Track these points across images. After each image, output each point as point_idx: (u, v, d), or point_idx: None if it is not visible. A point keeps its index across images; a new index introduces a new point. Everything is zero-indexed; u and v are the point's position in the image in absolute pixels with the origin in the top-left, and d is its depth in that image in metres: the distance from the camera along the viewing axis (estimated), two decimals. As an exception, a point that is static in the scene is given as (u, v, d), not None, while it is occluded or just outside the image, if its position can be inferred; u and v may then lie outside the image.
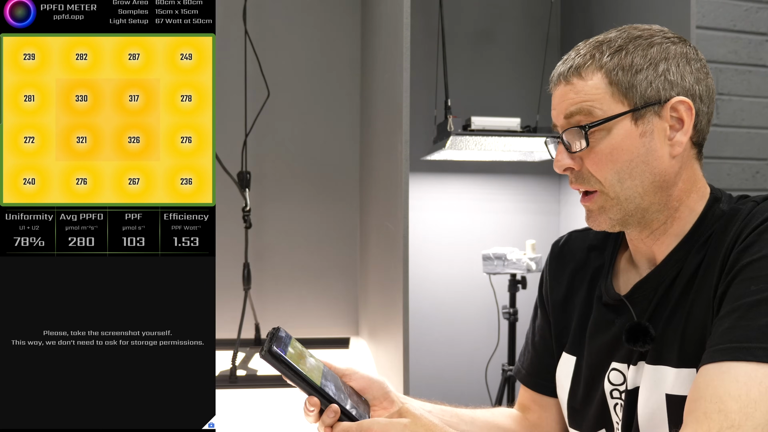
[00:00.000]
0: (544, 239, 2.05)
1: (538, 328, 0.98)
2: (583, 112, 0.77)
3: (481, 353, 2.03)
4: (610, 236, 0.92)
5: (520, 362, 1.01)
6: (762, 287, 0.67)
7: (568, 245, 0.97)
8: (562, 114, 0.79)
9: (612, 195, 0.78)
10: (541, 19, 2.03)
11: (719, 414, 0.63)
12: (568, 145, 0.79)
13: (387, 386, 0.83)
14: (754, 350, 0.64)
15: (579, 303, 0.91)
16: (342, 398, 0.76)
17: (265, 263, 1.86)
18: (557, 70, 0.81)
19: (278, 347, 0.74)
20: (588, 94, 0.77)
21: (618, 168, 0.77)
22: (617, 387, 0.81)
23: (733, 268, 0.70)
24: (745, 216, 0.74)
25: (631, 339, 0.78)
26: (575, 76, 0.78)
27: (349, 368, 0.82)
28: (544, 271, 0.99)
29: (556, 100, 0.80)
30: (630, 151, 0.77)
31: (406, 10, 1.22)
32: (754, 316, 0.66)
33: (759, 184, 2.01)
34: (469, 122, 1.69)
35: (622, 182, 0.77)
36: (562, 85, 0.79)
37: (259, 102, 1.72)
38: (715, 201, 0.80)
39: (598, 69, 0.77)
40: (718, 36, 1.99)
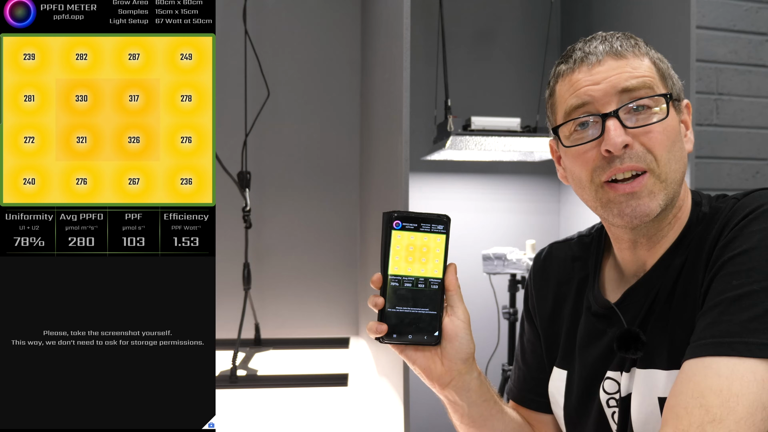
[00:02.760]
0: (544, 239, 2.05)
1: (527, 343, 0.96)
2: (646, 87, 0.75)
3: (481, 353, 2.02)
4: (591, 246, 0.90)
5: (511, 381, 0.99)
6: (743, 282, 0.66)
7: (550, 258, 0.95)
8: (617, 87, 0.75)
9: (663, 177, 0.75)
10: (541, 19, 2.03)
11: (700, 409, 0.62)
12: (625, 120, 0.75)
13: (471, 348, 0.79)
14: (736, 345, 0.64)
15: (567, 315, 0.89)
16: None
17: (265, 263, 1.86)
18: (597, 49, 0.77)
19: (400, 218, 0.72)
20: (646, 71, 0.76)
21: (669, 148, 0.75)
22: (612, 396, 0.80)
23: (716, 264, 0.70)
24: (726, 213, 0.74)
25: (623, 346, 0.77)
26: (629, 53, 0.76)
27: (453, 298, 0.78)
28: (529, 285, 0.96)
29: (603, 74, 0.76)
30: (677, 133, 0.77)
31: (406, 10, 1.22)
32: (736, 311, 0.65)
33: (759, 184, 2.01)
34: (469, 122, 1.69)
35: (670, 164, 0.75)
36: (612, 60, 0.76)
37: (259, 102, 1.72)
38: (697, 206, 0.80)
39: (644, 54, 0.77)
40: (718, 36, 1.99)
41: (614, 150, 0.73)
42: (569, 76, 0.79)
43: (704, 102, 1.97)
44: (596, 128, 0.76)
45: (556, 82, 0.82)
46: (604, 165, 0.75)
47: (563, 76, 0.80)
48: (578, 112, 0.77)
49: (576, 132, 0.78)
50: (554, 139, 0.84)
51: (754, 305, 0.65)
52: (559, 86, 0.81)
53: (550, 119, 0.84)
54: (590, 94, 0.76)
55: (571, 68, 0.78)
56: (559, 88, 0.81)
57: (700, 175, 1.93)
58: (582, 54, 0.78)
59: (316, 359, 1.71)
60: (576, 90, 0.77)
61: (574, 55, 0.79)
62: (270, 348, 1.74)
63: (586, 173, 0.78)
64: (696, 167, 1.90)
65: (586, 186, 0.78)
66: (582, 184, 0.79)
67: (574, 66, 0.78)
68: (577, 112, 0.77)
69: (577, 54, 0.78)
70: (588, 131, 0.77)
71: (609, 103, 0.75)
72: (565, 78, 0.79)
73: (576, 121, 0.77)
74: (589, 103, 0.76)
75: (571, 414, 0.86)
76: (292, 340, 1.84)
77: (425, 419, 1.92)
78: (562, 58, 0.81)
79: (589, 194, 0.79)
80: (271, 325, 1.85)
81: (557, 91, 0.81)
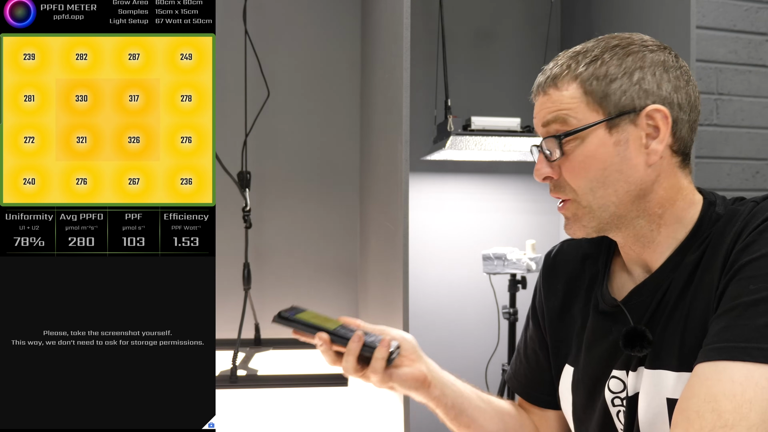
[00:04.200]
0: (544, 239, 2.05)
1: (530, 340, 0.98)
2: (558, 121, 0.78)
3: (481, 353, 2.03)
4: (603, 244, 0.91)
5: (512, 370, 1.01)
6: (761, 286, 0.66)
7: (561, 255, 0.96)
8: (540, 123, 0.81)
9: (584, 204, 0.78)
10: (541, 19, 2.03)
11: (712, 413, 0.62)
12: (547, 154, 0.80)
13: (416, 343, 0.87)
14: (751, 350, 0.63)
15: (577, 313, 0.90)
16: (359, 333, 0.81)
17: (265, 263, 1.86)
18: (537, 81, 0.82)
19: (287, 312, 0.84)
20: (563, 103, 0.78)
21: (591, 177, 0.77)
22: (618, 395, 0.80)
23: (733, 267, 0.70)
24: (745, 216, 0.74)
25: (629, 344, 0.77)
26: (552, 87, 0.79)
27: (379, 327, 0.86)
28: (538, 283, 0.97)
29: (536, 110, 0.82)
30: (604, 159, 0.77)
31: (406, 10, 1.22)
32: (752, 316, 0.65)
33: (759, 184, 2.01)
34: (469, 122, 1.69)
35: (594, 191, 0.77)
36: (541, 96, 0.81)
37: (259, 102, 1.72)
38: (710, 205, 0.80)
39: (573, 79, 0.78)
40: (718, 36, 1.99)
41: (537, 179, 0.81)
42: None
43: (704, 102, 1.97)
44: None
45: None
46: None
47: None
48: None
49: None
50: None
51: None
52: None
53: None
54: (534, 125, 0.84)
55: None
56: None
57: (700, 175, 1.93)
58: (534, 83, 0.83)
59: (316, 359, 1.70)
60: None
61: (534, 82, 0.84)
62: (270, 348, 1.74)
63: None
64: (696, 167, 1.90)
65: None
66: None
67: (532, 94, 0.84)
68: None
69: (535, 81, 0.83)
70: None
71: (540, 134, 0.82)
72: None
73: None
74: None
75: (578, 412, 0.87)
76: (292, 340, 1.83)
77: (425, 419, 1.92)
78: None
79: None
80: (271, 325, 1.84)
81: None
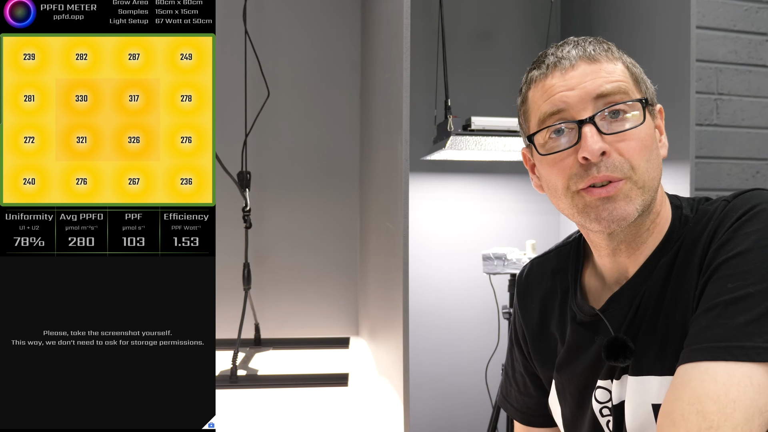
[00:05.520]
0: (544, 239, 2.05)
1: (516, 362, 0.97)
2: (621, 92, 0.72)
3: (481, 353, 2.03)
4: (570, 256, 0.89)
5: (503, 393, 1.00)
6: (739, 284, 0.65)
7: (531, 275, 0.94)
8: (592, 93, 0.73)
9: (640, 183, 0.73)
10: (541, 19, 2.04)
11: (697, 416, 0.61)
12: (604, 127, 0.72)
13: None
14: (732, 349, 0.63)
15: (555, 329, 0.89)
16: None
17: (265, 263, 1.86)
18: (570, 53, 0.75)
19: None
20: (620, 75, 0.74)
21: (646, 155, 0.73)
22: (605, 404, 0.80)
23: (710, 267, 0.69)
24: (718, 215, 0.73)
25: (611, 355, 0.76)
26: (602, 57, 0.74)
27: None
28: (515, 306, 0.96)
29: (577, 80, 0.73)
30: (653, 139, 0.75)
31: (406, 10, 1.22)
32: (732, 315, 0.64)
33: (759, 184, 2.01)
34: (469, 122, 1.69)
35: (648, 171, 0.73)
36: (586, 64, 0.74)
37: (259, 102, 1.72)
38: (677, 209, 0.79)
39: (617, 59, 0.75)
40: (718, 36, 1.99)
41: (592, 157, 0.71)
42: (542, 81, 0.76)
43: (704, 102, 1.97)
44: (572, 135, 0.74)
45: (528, 88, 0.79)
46: (581, 173, 0.73)
47: (536, 82, 0.77)
48: (553, 119, 0.75)
49: (551, 139, 0.76)
50: (528, 147, 0.82)
51: (750, 308, 0.64)
52: (532, 93, 0.78)
53: (524, 127, 0.82)
54: (565, 101, 0.74)
55: (544, 74, 0.76)
56: (532, 94, 0.78)
57: (700, 175, 1.93)
58: (555, 59, 0.75)
59: (316, 359, 1.71)
60: (550, 96, 0.75)
61: (546, 60, 0.76)
62: (270, 348, 1.74)
63: (562, 181, 0.75)
64: (696, 167, 1.90)
65: (561, 194, 0.77)
66: (557, 193, 0.77)
67: (547, 71, 0.76)
68: (551, 119, 0.75)
69: (549, 59, 0.76)
70: (563, 138, 0.75)
71: (584, 109, 0.73)
72: (538, 84, 0.77)
73: (551, 128, 0.75)
74: (564, 109, 0.74)
75: (568, 424, 0.86)
76: (292, 340, 1.84)
77: (425, 419, 1.92)
78: (534, 63, 0.79)
79: (564, 202, 0.77)
80: (271, 325, 1.85)
81: (530, 97, 0.79)
